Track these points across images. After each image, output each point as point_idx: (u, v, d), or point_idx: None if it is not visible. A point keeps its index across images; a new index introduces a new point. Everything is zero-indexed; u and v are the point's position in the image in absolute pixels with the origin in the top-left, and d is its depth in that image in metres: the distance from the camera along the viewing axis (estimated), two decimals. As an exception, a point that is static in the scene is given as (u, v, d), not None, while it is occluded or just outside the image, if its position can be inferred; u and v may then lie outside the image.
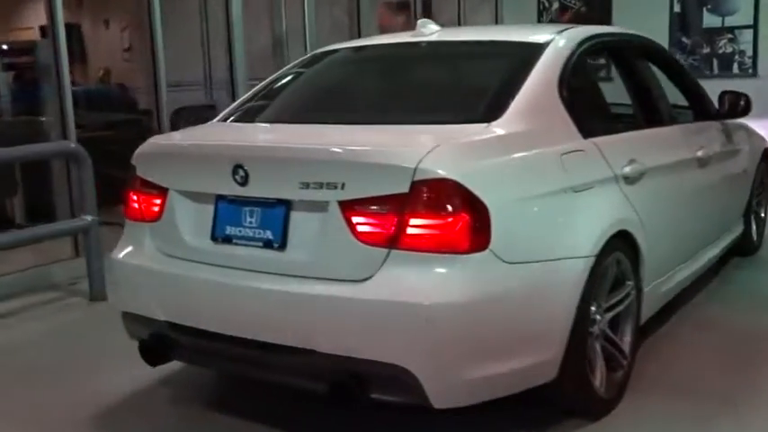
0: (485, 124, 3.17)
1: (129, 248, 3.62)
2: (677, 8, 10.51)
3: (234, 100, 7.30)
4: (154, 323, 3.45)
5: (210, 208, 3.31)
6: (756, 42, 10.09)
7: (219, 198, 3.28)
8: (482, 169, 2.97)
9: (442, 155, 2.89)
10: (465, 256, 2.84)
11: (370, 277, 2.91)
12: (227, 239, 3.26)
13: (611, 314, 3.55)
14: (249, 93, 4.19)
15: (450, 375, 2.92)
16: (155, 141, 3.70)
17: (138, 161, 3.58)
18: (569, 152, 3.39)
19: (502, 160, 3.07)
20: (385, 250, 2.89)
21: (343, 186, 2.93)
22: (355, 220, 2.92)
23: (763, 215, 6.18)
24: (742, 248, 5.81)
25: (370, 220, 2.91)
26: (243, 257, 3.21)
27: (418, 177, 2.83)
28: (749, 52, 10.09)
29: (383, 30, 9.46)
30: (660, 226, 3.94)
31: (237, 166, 3.14)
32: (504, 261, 2.92)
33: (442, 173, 2.84)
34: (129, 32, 11.33)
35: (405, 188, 2.84)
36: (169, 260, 3.44)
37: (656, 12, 10.40)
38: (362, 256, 2.92)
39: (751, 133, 5.69)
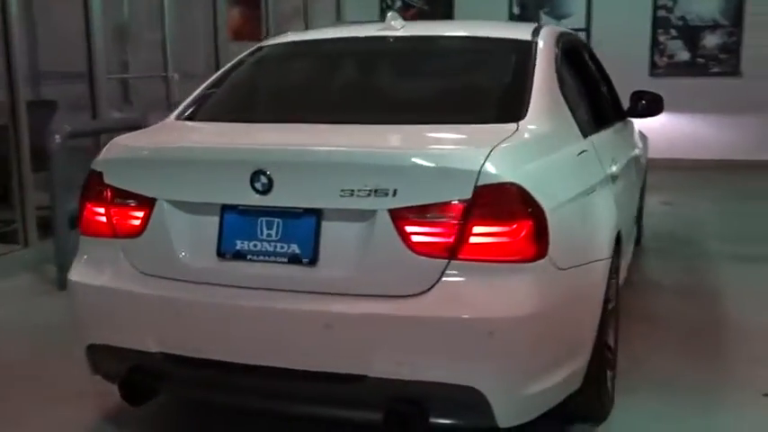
0: (514, 124, 3.01)
1: (94, 269, 3.09)
2: (516, 10, 10.91)
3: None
4: (138, 356, 2.97)
5: (214, 220, 2.89)
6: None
7: (227, 208, 2.87)
8: (535, 171, 2.81)
9: (503, 157, 2.70)
10: (529, 264, 2.68)
11: (426, 291, 2.66)
12: (239, 256, 2.85)
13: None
14: (202, 87, 3.73)
15: (517, 391, 2.74)
16: (130, 144, 3.18)
17: (105, 167, 3.06)
18: (581, 152, 3.34)
19: (545, 161, 2.94)
20: (443, 261, 2.65)
21: (394, 193, 2.65)
22: (409, 229, 2.66)
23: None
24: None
25: (427, 230, 2.66)
26: (261, 276, 2.83)
27: (482, 182, 2.62)
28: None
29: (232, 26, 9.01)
30: (627, 225, 3.99)
31: (258, 173, 2.76)
32: (558, 268, 2.78)
33: (506, 177, 2.65)
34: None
35: (467, 194, 2.62)
36: (156, 281, 2.96)
37: (495, 13, 10.73)
38: (417, 269, 2.67)
39: (642, 135, 5.96)
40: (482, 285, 2.64)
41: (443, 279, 2.65)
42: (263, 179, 2.75)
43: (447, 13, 10.74)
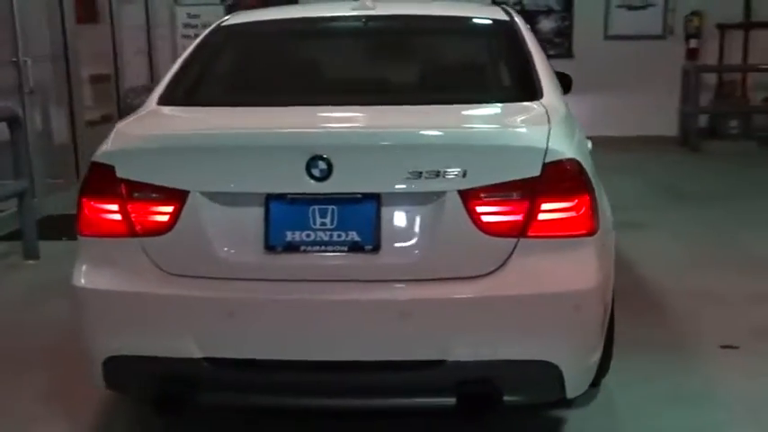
0: (537, 102, 3.05)
1: (107, 273, 2.79)
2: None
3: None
4: (176, 363, 2.72)
5: (256, 211, 2.70)
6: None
7: (273, 198, 2.69)
8: (577, 147, 2.88)
9: (558, 134, 2.75)
10: (590, 238, 2.74)
11: (496, 271, 2.66)
12: (291, 248, 2.69)
13: None
14: (173, 71, 3.43)
15: (585, 362, 2.82)
16: (148, 133, 2.88)
17: (118, 160, 2.76)
18: (579, 128, 3.45)
19: (577, 138, 3.01)
20: (513, 240, 2.66)
21: (464, 174, 2.62)
22: (480, 210, 2.64)
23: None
24: None
25: (497, 209, 2.65)
26: (319, 267, 2.69)
27: (549, 159, 2.65)
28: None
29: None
30: None
31: (316, 158, 2.61)
32: (601, 241, 2.88)
33: (568, 153, 2.71)
34: None
35: (536, 171, 2.64)
36: (190, 281, 2.72)
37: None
38: (486, 249, 2.65)
39: None
40: (554, 261, 2.67)
41: (514, 257, 2.66)
42: (322, 165, 2.61)
43: (292, -4, 10.58)
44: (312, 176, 2.63)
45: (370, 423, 3.25)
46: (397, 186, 2.65)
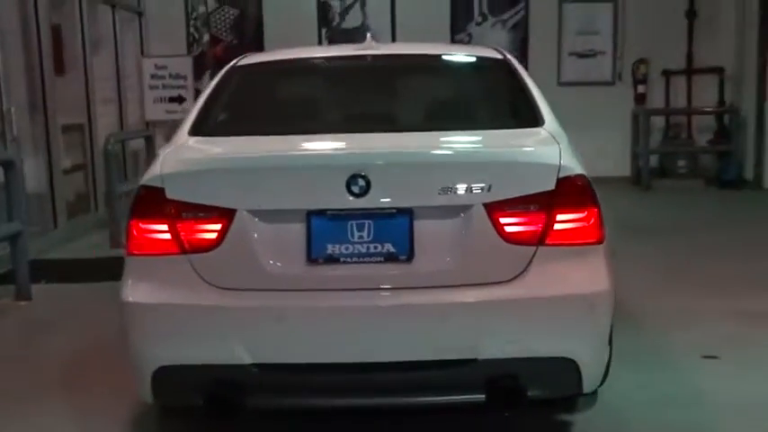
0: (541, 128, 3.38)
1: (157, 289, 3.00)
2: (325, 42, 11.34)
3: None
4: (226, 370, 2.93)
5: (298, 227, 2.95)
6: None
7: (313, 214, 2.95)
8: (582, 165, 3.20)
9: (567, 154, 3.07)
10: (599, 246, 3.06)
11: (519, 276, 2.95)
12: (332, 259, 2.94)
13: None
14: (198, 106, 3.67)
15: (599, 358, 3.11)
16: (195, 158, 3.11)
17: (168, 182, 2.99)
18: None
19: (579, 158, 3.34)
20: (532, 248, 2.95)
21: (489, 188, 2.92)
22: (503, 221, 2.93)
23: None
24: None
25: (518, 220, 2.95)
26: (357, 277, 2.94)
27: (562, 174, 2.97)
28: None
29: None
30: None
31: (356, 176, 2.88)
32: (607, 249, 3.19)
33: (577, 170, 3.03)
34: None
35: (551, 185, 2.95)
36: (239, 293, 2.95)
37: (306, 41, 11.03)
38: (510, 256, 2.94)
39: None
40: (570, 266, 2.98)
41: (534, 263, 2.95)
42: (361, 182, 2.88)
43: (258, 46, 10.88)
44: (351, 193, 2.89)
45: (393, 422, 3.48)
46: (428, 201, 2.93)
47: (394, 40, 10.72)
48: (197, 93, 10.81)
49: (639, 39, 10.97)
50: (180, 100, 10.65)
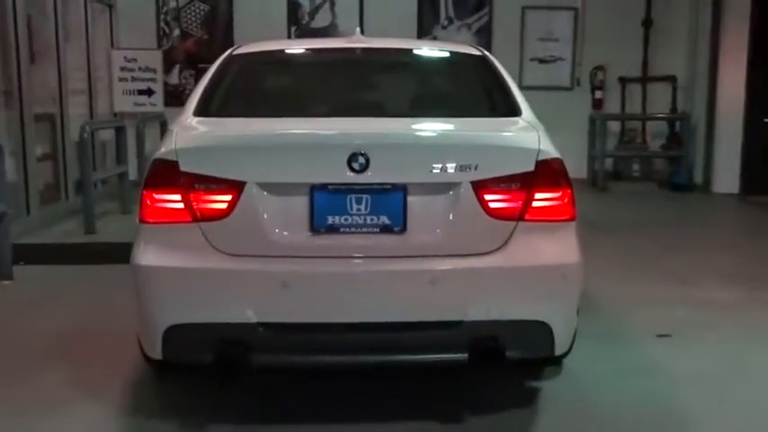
0: (518, 117, 3.74)
1: (169, 254, 3.27)
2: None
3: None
4: (234, 328, 3.22)
5: (302, 200, 3.26)
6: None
7: (316, 188, 3.25)
8: (557, 151, 3.56)
9: (545, 139, 3.43)
10: (572, 223, 3.43)
11: (501, 247, 3.29)
12: (332, 229, 3.25)
13: None
14: (201, 90, 3.94)
15: (569, 324, 3.47)
16: (209, 133, 3.39)
17: (182, 156, 3.26)
18: None
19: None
20: (513, 223, 3.30)
21: (476, 168, 3.25)
22: (487, 197, 3.28)
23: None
24: None
25: (501, 197, 3.30)
26: (355, 245, 3.26)
27: (541, 158, 3.33)
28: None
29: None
30: None
31: (356, 154, 3.19)
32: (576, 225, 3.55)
33: (553, 153, 3.39)
34: None
35: (531, 167, 3.31)
36: (248, 260, 3.24)
37: (274, 36, 11.30)
38: (493, 230, 3.29)
39: None
40: (546, 240, 3.34)
41: (515, 237, 3.30)
42: (361, 159, 3.20)
43: (228, 42, 11.10)
44: (352, 169, 3.21)
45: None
46: (421, 178, 3.27)
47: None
48: (166, 86, 11.05)
49: (597, 46, 11.46)
50: (149, 93, 10.84)
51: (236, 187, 3.23)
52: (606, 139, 11.27)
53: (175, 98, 10.80)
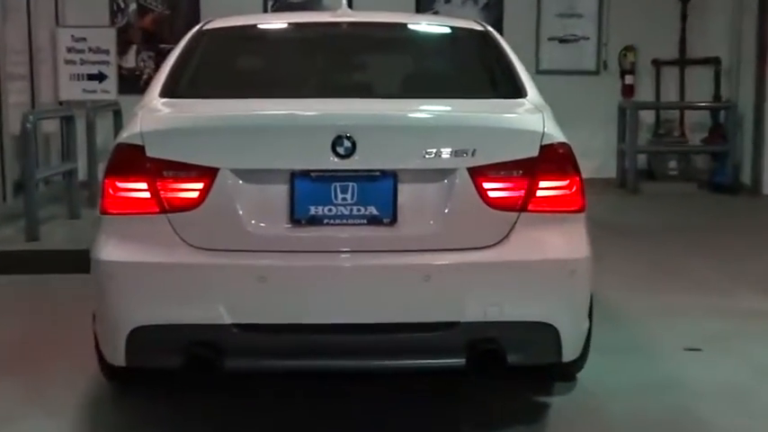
0: (524, 99, 4.06)
1: (134, 248, 3.56)
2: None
3: None
4: (204, 330, 3.51)
5: (281, 188, 3.55)
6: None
7: (298, 175, 3.55)
8: (564, 136, 3.86)
9: (550, 122, 3.74)
10: (580, 214, 3.73)
11: (502, 241, 3.59)
12: (314, 221, 3.55)
13: None
14: (167, 69, 4.24)
15: (579, 327, 3.77)
16: (178, 115, 3.68)
17: (148, 140, 3.55)
18: None
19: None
20: (515, 214, 3.60)
21: (473, 153, 3.56)
22: (486, 186, 3.58)
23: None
24: None
25: (501, 185, 3.60)
26: (340, 239, 3.56)
27: (545, 141, 3.63)
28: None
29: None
30: None
31: (341, 137, 3.49)
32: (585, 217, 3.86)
33: (559, 137, 3.69)
34: None
35: (534, 152, 3.61)
36: (221, 254, 3.53)
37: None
38: (493, 222, 3.59)
39: None
40: (551, 233, 3.64)
41: (516, 229, 3.60)
42: (347, 143, 3.50)
43: (194, 18, 11.37)
44: (337, 154, 3.50)
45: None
46: (413, 164, 3.57)
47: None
48: (120, 70, 11.32)
49: (628, 23, 11.71)
50: (100, 78, 11.05)
51: (207, 174, 3.52)
52: (638, 132, 11.53)
53: (131, 84, 11.10)
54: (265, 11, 11.71)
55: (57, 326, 5.44)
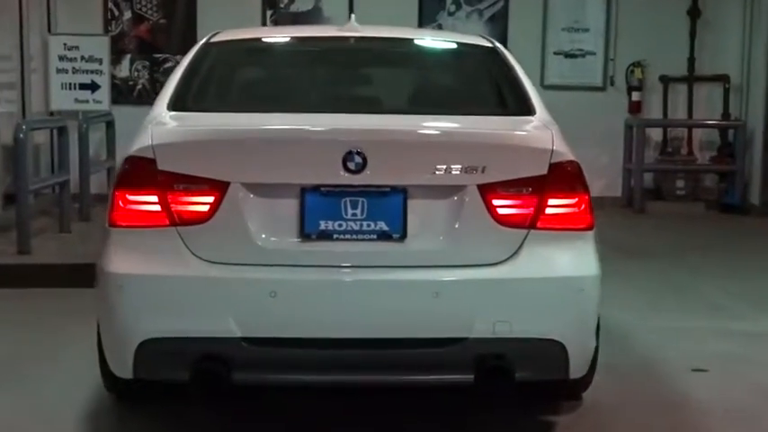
0: (532, 117, 4.25)
1: (144, 260, 3.73)
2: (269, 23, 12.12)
3: None
4: (213, 343, 3.68)
5: (291, 202, 3.74)
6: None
7: (308, 189, 3.73)
8: (573, 154, 4.05)
9: (559, 140, 3.93)
10: (589, 232, 3.92)
11: (510, 258, 3.77)
12: (324, 236, 3.73)
13: None
14: (175, 82, 4.41)
15: (587, 344, 3.96)
16: (189, 129, 3.86)
17: (159, 153, 3.73)
18: None
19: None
20: (524, 231, 3.79)
21: (483, 170, 3.74)
22: (495, 203, 3.77)
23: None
24: None
25: (511, 202, 3.79)
26: (350, 254, 3.75)
27: (555, 159, 3.82)
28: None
29: None
30: None
31: (352, 153, 3.67)
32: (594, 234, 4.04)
33: (569, 155, 3.88)
34: None
35: (544, 170, 3.80)
36: (231, 268, 3.71)
37: (247, 23, 11.80)
38: (502, 238, 3.78)
39: None
40: (561, 251, 3.83)
41: (525, 246, 3.79)
42: (358, 158, 3.69)
43: (191, 28, 11.58)
44: (347, 169, 3.69)
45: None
46: (423, 180, 3.76)
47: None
48: (114, 80, 11.48)
49: (635, 39, 11.95)
50: (93, 87, 11.17)
51: (218, 188, 3.70)
52: (645, 149, 11.74)
53: (125, 95, 11.30)
54: (264, 21, 11.93)
55: (49, 340, 5.59)
